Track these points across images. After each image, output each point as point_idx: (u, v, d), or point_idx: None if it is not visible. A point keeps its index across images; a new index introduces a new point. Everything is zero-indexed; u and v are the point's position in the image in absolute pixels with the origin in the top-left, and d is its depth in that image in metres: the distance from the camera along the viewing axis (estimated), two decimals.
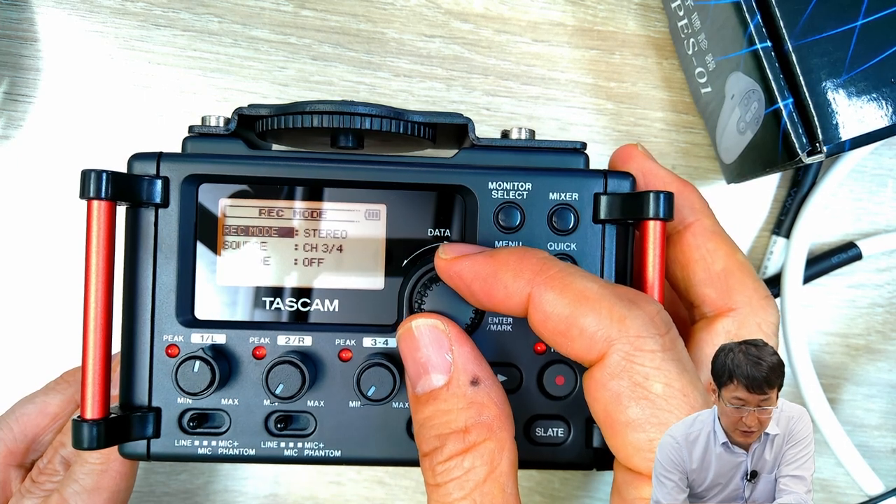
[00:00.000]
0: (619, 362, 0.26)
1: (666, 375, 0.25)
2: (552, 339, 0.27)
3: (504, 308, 0.28)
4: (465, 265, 0.29)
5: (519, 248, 0.29)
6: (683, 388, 0.25)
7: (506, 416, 0.28)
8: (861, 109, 0.34)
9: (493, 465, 0.27)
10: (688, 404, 0.25)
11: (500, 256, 0.29)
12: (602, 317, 0.26)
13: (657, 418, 0.25)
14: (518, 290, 0.28)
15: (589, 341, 0.26)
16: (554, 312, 0.27)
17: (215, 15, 0.43)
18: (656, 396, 0.25)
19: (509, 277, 0.28)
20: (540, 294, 0.27)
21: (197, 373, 0.31)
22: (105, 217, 0.30)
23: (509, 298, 0.28)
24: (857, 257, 0.45)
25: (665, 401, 0.25)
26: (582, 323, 0.26)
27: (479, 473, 0.27)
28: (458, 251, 0.30)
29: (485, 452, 0.27)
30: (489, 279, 0.28)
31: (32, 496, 0.37)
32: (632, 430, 0.25)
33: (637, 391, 0.25)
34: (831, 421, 0.41)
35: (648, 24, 0.45)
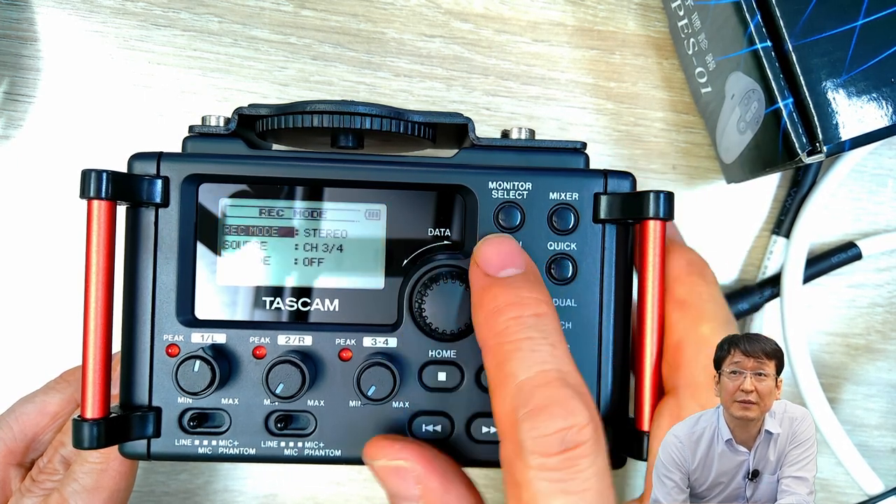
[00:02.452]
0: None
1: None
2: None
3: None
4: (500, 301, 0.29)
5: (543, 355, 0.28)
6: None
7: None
8: (861, 109, 0.34)
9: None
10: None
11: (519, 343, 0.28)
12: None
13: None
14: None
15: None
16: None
17: (215, 15, 0.43)
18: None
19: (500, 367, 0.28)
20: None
21: (197, 372, 0.31)
22: (105, 217, 0.30)
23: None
24: (857, 257, 0.45)
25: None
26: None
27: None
28: (502, 263, 0.30)
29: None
30: (490, 345, 0.29)
31: (32, 495, 0.37)
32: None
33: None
34: (831, 421, 0.41)
35: (648, 24, 0.45)
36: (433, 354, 0.32)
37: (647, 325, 0.31)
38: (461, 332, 0.32)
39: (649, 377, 0.31)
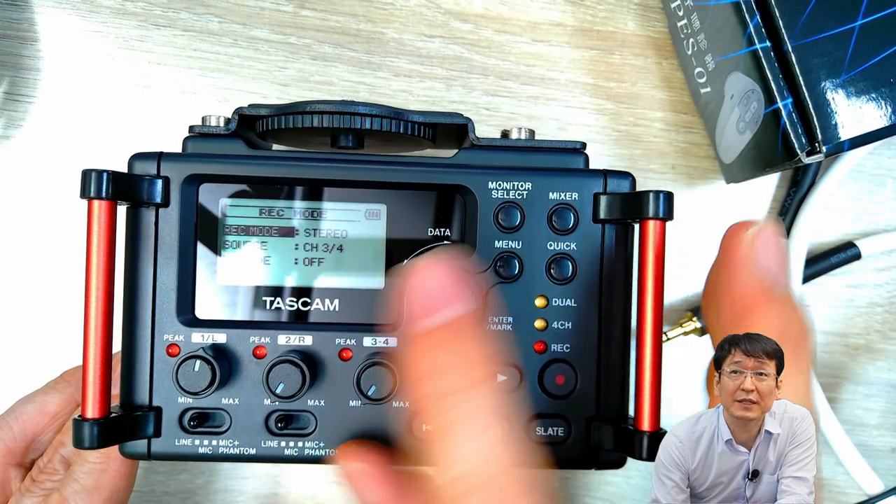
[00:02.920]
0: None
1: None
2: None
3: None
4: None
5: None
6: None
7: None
8: (860, 109, 0.34)
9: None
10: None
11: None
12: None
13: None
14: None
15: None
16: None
17: (215, 15, 0.43)
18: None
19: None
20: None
21: (197, 372, 0.31)
22: (105, 217, 0.30)
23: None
24: (857, 257, 0.45)
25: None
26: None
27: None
28: (430, 305, 0.24)
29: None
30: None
31: (32, 495, 0.37)
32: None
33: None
34: (831, 420, 0.42)
35: (648, 24, 0.45)
36: None
37: (647, 325, 0.31)
38: None
39: (649, 377, 0.31)
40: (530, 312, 0.33)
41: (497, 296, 0.32)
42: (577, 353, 0.33)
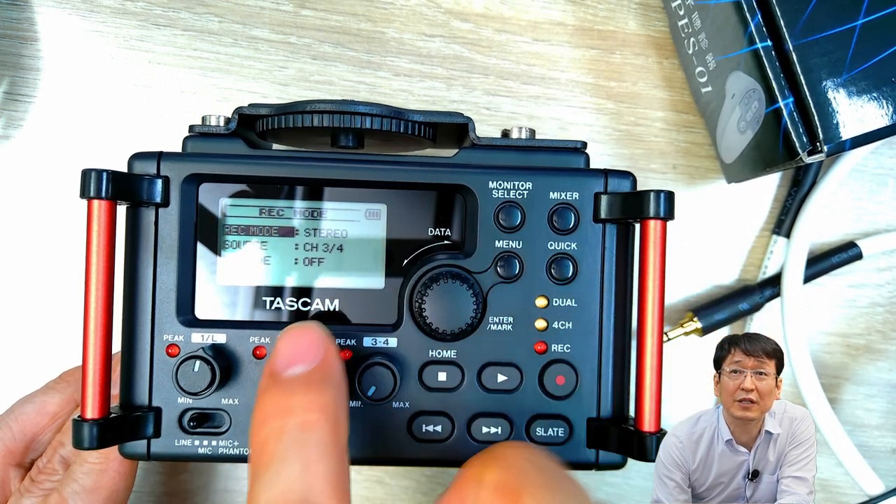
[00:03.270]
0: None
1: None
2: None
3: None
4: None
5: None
6: None
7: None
8: (861, 109, 0.34)
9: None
10: None
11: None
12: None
13: None
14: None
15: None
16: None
17: (215, 15, 0.43)
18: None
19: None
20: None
21: (197, 372, 0.31)
22: (105, 217, 0.30)
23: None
24: (858, 257, 0.45)
25: None
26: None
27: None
28: (289, 360, 0.27)
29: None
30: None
31: (31, 495, 0.37)
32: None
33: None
34: (831, 421, 0.41)
35: (648, 24, 0.45)
36: (433, 354, 0.32)
37: (648, 325, 0.31)
38: (461, 332, 0.32)
39: (650, 378, 0.31)
40: (531, 312, 0.32)
41: (497, 296, 0.32)
42: (577, 354, 0.33)
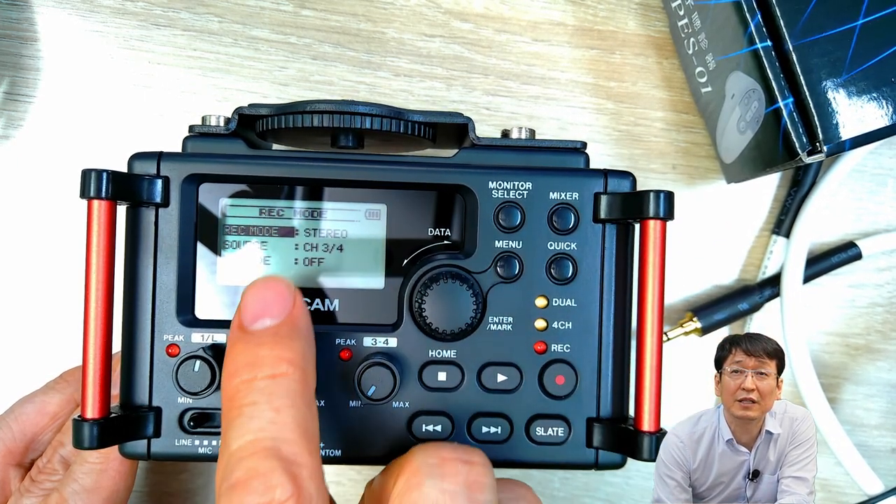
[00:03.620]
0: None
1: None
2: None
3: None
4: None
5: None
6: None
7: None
8: (861, 109, 0.34)
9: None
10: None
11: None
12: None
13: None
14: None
15: None
16: None
17: (215, 15, 0.43)
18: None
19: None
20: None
21: (197, 372, 0.31)
22: (105, 217, 0.30)
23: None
24: (857, 257, 0.45)
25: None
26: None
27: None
28: (255, 313, 0.28)
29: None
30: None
31: (31, 495, 0.37)
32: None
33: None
34: (831, 421, 0.41)
35: (648, 24, 0.45)
36: (433, 354, 0.32)
37: (647, 325, 0.31)
38: (461, 331, 0.32)
39: (650, 378, 0.31)
40: (530, 312, 0.32)
41: (497, 296, 0.32)
42: (577, 354, 0.33)
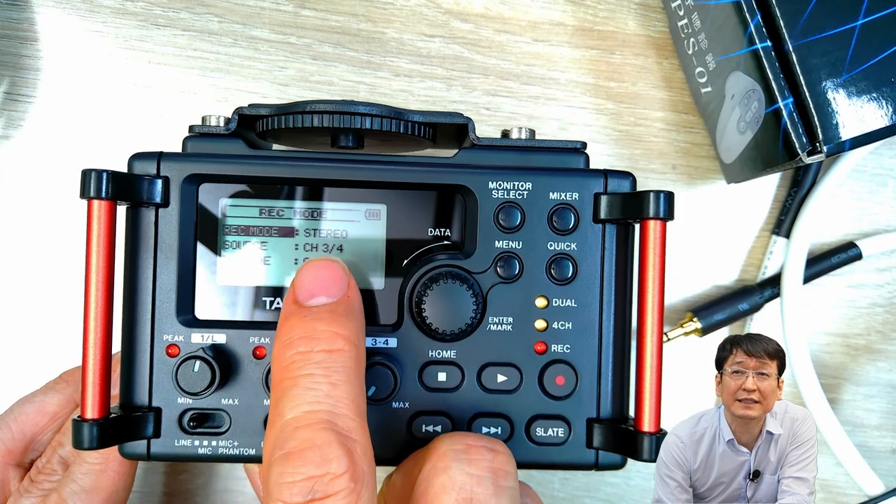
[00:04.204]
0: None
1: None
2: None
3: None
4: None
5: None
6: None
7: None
8: (861, 109, 0.34)
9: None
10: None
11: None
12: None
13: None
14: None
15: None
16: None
17: (215, 15, 0.43)
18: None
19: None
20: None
21: (197, 373, 0.31)
22: (105, 217, 0.30)
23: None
24: (857, 257, 0.45)
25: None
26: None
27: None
28: (312, 291, 0.29)
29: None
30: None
31: (31, 495, 0.37)
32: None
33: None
34: (831, 421, 0.41)
35: (648, 24, 0.45)
36: (433, 354, 0.32)
37: (647, 326, 0.31)
38: (461, 332, 0.32)
39: (650, 378, 0.31)
40: (530, 313, 0.32)
41: (497, 296, 0.32)
42: (577, 354, 0.32)
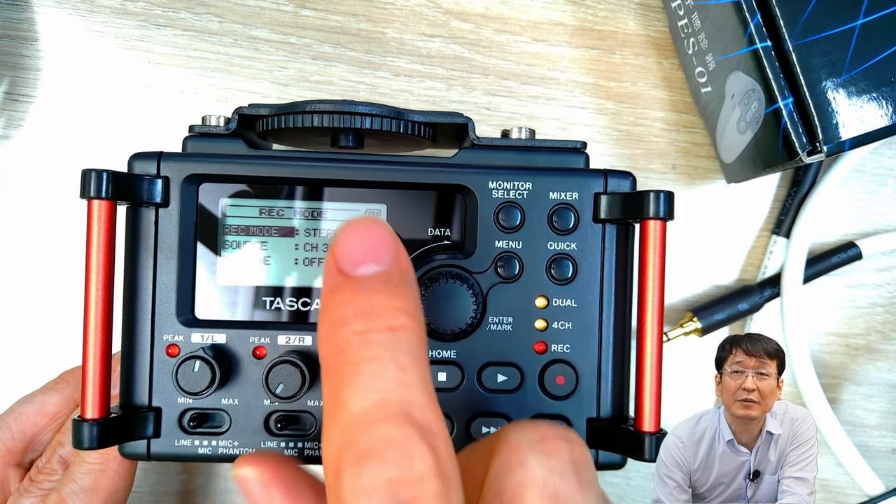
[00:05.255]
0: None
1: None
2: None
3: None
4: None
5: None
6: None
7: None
8: (861, 109, 0.34)
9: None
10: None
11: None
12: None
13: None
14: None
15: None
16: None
17: (215, 15, 0.43)
18: None
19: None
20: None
21: (197, 372, 0.31)
22: (105, 217, 0.30)
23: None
24: (857, 257, 0.45)
25: None
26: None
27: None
28: (361, 257, 0.23)
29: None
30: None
31: (31, 495, 0.37)
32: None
33: None
34: (831, 421, 0.41)
35: (648, 24, 0.45)
36: (433, 354, 0.32)
37: (647, 325, 0.31)
38: (461, 331, 0.32)
39: (650, 378, 0.31)
40: (530, 313, 0.32)
41: (497, 296, 0.32)
42: (577, 354, 0.33)
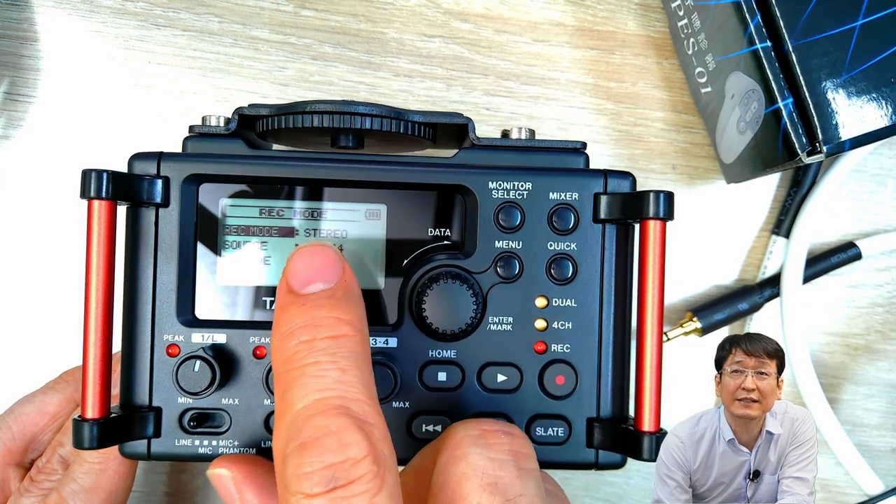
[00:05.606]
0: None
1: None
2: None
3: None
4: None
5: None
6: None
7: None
8: (861, 109, 0.34)
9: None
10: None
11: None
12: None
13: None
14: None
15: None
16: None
17: (215, 15, 0.43)
18: None
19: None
20: None
21: (197, 372, 0.31)
22: (105, 217, 0.30)
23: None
24: (857, 257, 0.45)
25: None
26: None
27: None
28: (307, 278, 0.27)
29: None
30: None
31: (31, 495, 0.37)
32: None
33: None
34: (831, 421, 0.42)
35: (648, 24, 0.45)
36: (433, 354, 0.32)
37: (647, 325, 0.31)
38: (461, 331, 0.32)
39: (650, 378, 0.31)
40: (530, 313, 0.32)
41: (497, 296, 0.32)
42: (577, 354, 0.33)
